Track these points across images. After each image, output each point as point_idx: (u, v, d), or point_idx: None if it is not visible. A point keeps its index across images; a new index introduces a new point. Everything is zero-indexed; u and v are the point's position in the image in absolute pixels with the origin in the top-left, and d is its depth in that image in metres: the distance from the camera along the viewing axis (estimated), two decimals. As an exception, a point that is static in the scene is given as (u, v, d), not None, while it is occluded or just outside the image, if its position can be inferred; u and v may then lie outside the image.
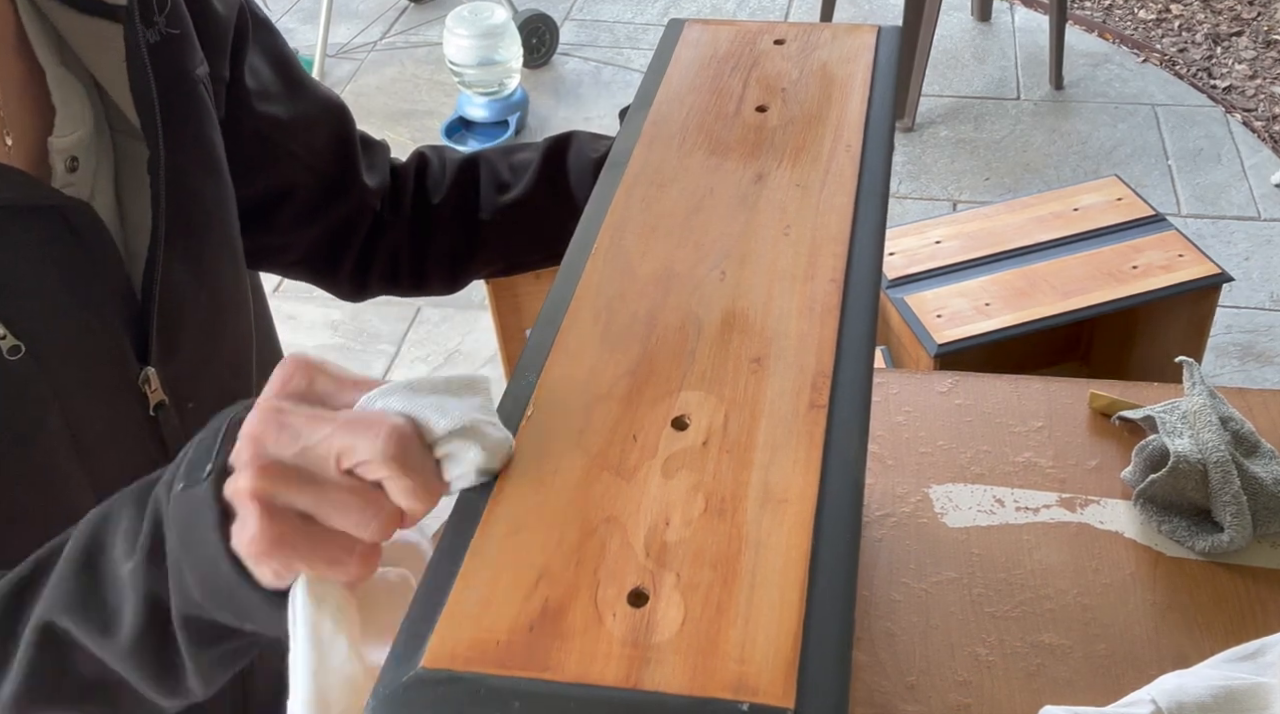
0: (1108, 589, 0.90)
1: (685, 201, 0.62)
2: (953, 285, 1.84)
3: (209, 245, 0.74)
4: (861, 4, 3.54)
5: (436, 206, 0.92)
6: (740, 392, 0.50)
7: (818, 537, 0.43)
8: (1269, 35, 3.36)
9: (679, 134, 0.68)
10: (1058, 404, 1.06)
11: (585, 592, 0.42)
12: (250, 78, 0.80)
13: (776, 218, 0.60)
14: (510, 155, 0.93)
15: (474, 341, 2.47)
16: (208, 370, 0.75)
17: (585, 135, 0.90)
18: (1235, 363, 2.35)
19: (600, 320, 0.54)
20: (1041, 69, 3.18)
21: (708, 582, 0.42)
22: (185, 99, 0.72)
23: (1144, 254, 1.87)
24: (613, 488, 0.46)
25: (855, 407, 0.49)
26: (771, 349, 0.52)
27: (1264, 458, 0.96)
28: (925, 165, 2.88)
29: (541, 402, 0.50)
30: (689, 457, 0.47)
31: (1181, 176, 2.83)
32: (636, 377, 0.51)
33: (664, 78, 0.73)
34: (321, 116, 0.87)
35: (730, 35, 0.77)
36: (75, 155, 0.67)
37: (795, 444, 0.47)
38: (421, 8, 3.61)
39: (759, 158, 0.65)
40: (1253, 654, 0.80)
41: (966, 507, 0.97)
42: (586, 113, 3.13)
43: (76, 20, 0.66)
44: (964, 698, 0.84)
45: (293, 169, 0.85)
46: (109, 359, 0.68)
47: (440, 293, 0.98)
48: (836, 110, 0.69)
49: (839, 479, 0.46)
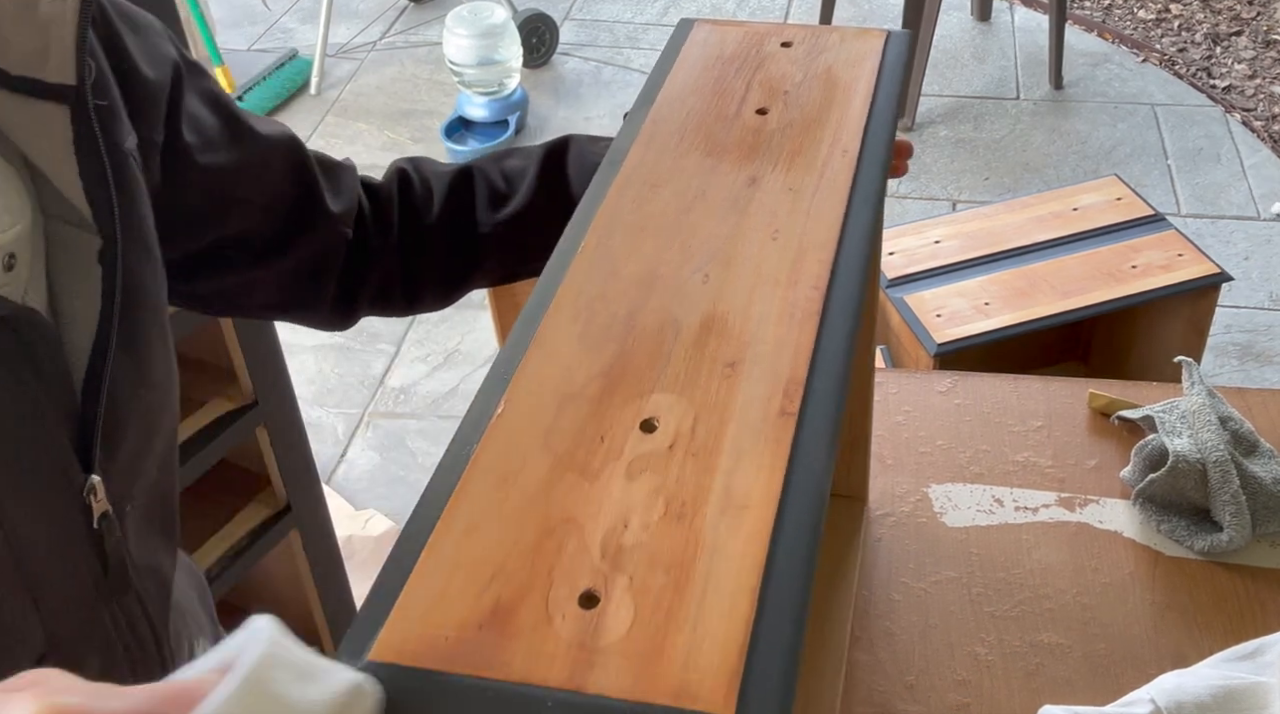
0: (1107, 589, 0.90)
1: (676, 203, 0.62)
2: (952, 285, 1.84)
3: (149, 333, 0.69)
4: (861, 3, 3.54)
5: (430, 226, 0.88)
6: (711, 396, 0.50)
7: (775, 545, 0.43)
8: (1268, 35, 3.36)
9: (677, 134, 0.67)
10: (1057, 404, 1.06)
11: (537, 592, 0.42)
12: (189, 132, 0.75)
13: (766, 222, 0.60)
14: (502, 162, 0.90)
15: (474, 341, 2.47)
16: (143, 469, 0.71)
17: (583, 139, 0.88)
18: (1234, 362, 2.35)
19: (580, 320, 0.54)
20: (1041, 69, 3.18)
21: (660, 586, 0.42)
22: (120, 177, 0.66)
23: (1143, 254, 1.87)
24: (575, 489, 0.46)
25: (826, 415, 0.49)
26: (747, 354, 0.52)
27: (1263, 457, 0.96)
28: (925, 165, 2.89)
29: (512, 399, 0.50)
30: (654, 460, 0.47)
31: (1181, 176, 2.83)
32: (610, 377, 0.51)
33: (668, 77, 0.73)
34: (271, 154, 0.82)
35: (738, 36, 0.76)
36: (13, 252, 0.61)
37: (761, 450, 0.47)
38: (421, 7, 3.61)
39: (754, 160, 0.65)
40: (1252, 654, 0.80)
41: (966, 506, 0.97)
42: (586, 112, 3.13)
43: (14, 103, 0.60)
44: (963, 697, 0.84)
45: (245, 213, 0.80)
46: (52, 473, 0.63)
47: (434, 309, 0.95)
48: (837, 114, 0.68)
49: (803, 488, 0.46)
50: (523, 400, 0.50)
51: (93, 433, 0.64)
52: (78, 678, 0.38)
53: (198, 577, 0.91)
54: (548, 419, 0.49)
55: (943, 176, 2.85)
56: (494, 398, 0.50)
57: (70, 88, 0.61)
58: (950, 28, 3.39)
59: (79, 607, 0.66)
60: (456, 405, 2.35)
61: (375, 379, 2.42)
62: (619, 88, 3.22)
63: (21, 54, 0.60)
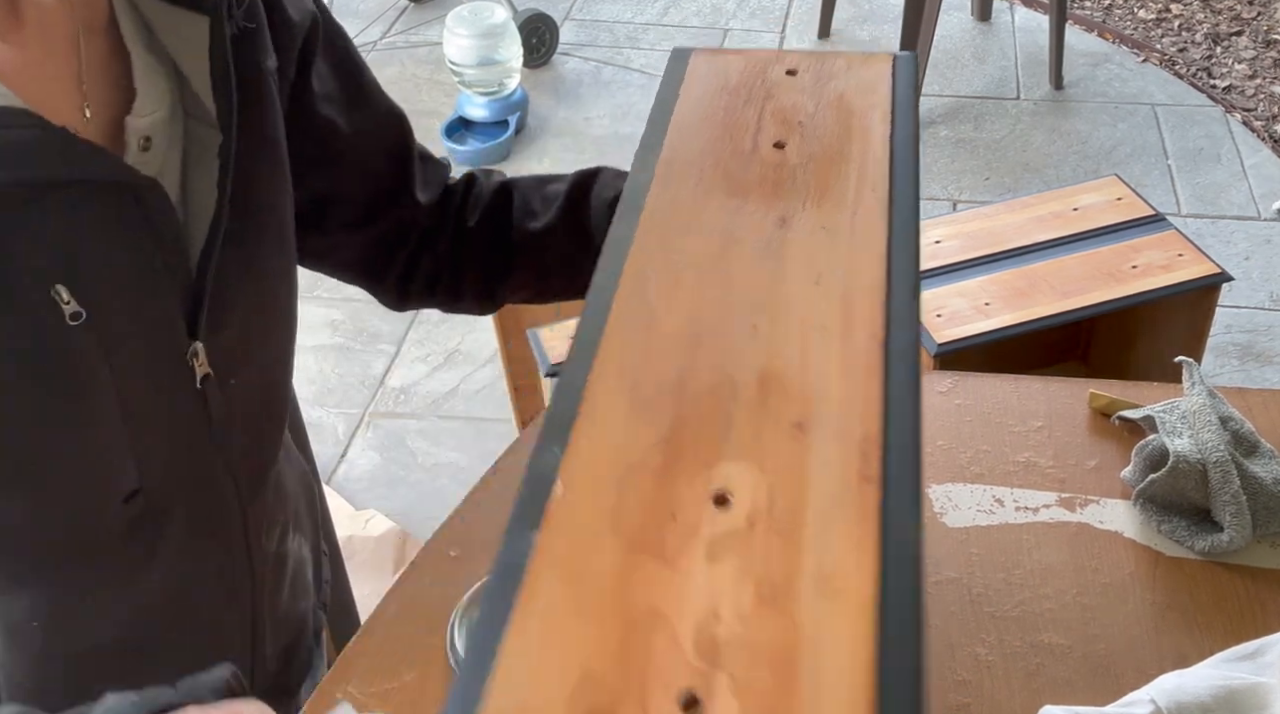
0: (1107, 589, 0.90)
1: (707, 248, 0.59)
2: (952, 285, 1.84)
3: (264, 234, 0.78)
4: (861, 4, 3.54)
5: (472, 228, 0.95)
6: (783, 462, 0.47)
7: (882, 631, 0.40)
8: (1269, 35, 3.36)
9: (695, 173, 0.65)
10: (1057, 404, 1.06)
11: (633, 697, 0.39)
12: (316, 81, 0.83)
13: (805, 266, 0.57)
14: (544, 186, 0.95)
15: (473, 341, 2.47)
16: (250, 352, 0.79)
17: (611, 173, 0.92)
18: (1235, 362, 2.35)
19: (627, 383, 0.51)
20: (1041, 69, 3.18)
21: (765, 684, 0.39)
22: (256, 91, 0.75)
23: (1143, 254, 1.87)
24: (654, 575, 0.42)
25: (908, 477, 0.46)
26: (813, 412, 0.49)
27: (1263, 458, 0.96)
28: (925, 165, 2.89)
29: (570, 478, 0.46)
30: (734, 538, 0.43)
31: (1181, 176, 2.83)
32: (670, 446, 0.48)
33: (674, 112, 0.70)
34: (381, 132, 0.89)
35: (740, 66, 0.74)
36: (149, 135, 0.70)
37: (847, 522, 0.44)
38: (421, 7, 3.61)
39: (781, 199, 0.62)
40: (1252, 654, 0.80)
41: (966, 506, 0.97)
42: (586, 113, 3.13)
43: (166, 11, 0.70)
44: (963, 697, 0.84)
45: (344, 175, 0.88)
46: (162, 331, 0.71)
47: (476, 312, 1.01)
48: (858, 147, 0.66)
49: (898, 561, 0.42)
50: (581, 478, 0.47)
51: (200, 304, 0.72)
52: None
53: (308, 481, 1.01)
54: (611, 497, 0.45)
55: (943, 177, 2.86)
56: (550, 477, 0.46)
57: (211, 1, 0.69)
58: (950, 28, 3.39)
59: (173, 456, 0.75)
60: (456, 405, 2.35)
61: (375, 379, 2.42)
62: (619, 88, 3.22)
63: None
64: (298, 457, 0.98)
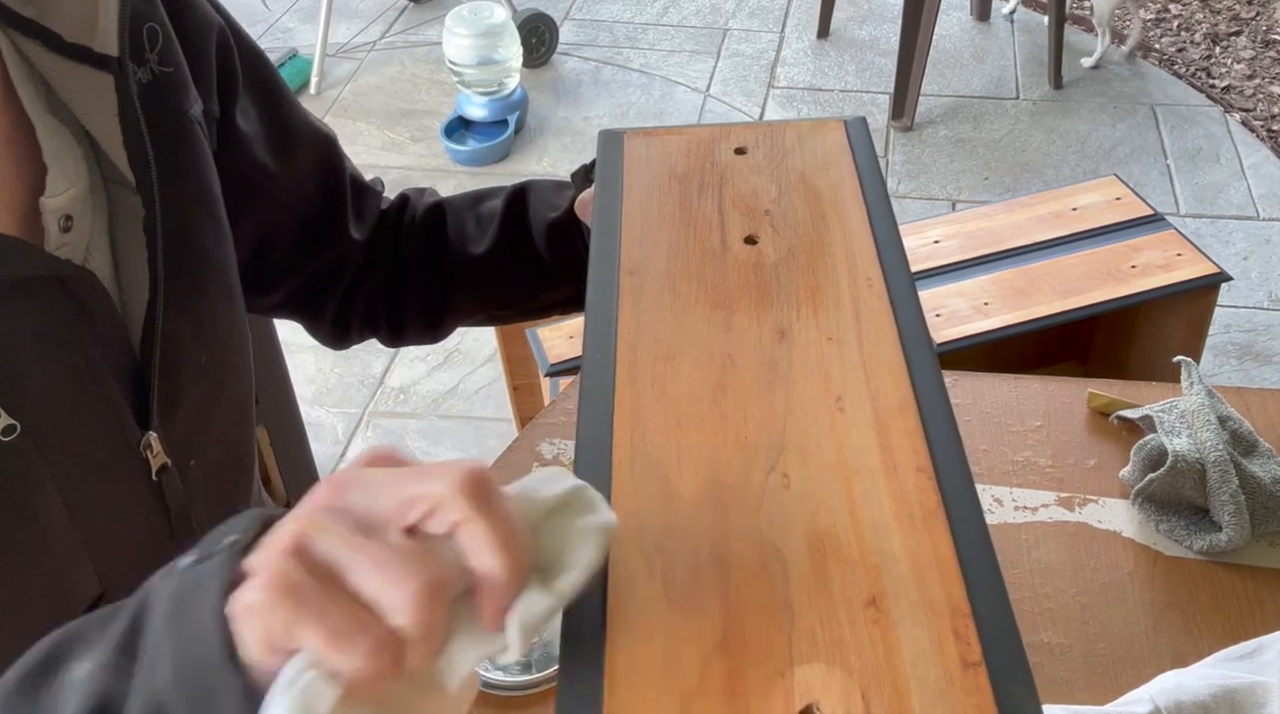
0: (1106, 588, 0.90)
1: (703, 377, 0.50)
2: (951, 285, 1.85)
3: (209, 294, 0.71)
4: (860, 4, 3.54)
5: (408, 258, 0.89)
6: (868, 656, 0.39)
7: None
8: (1268, 35, 3.36)
9: (665, 284, 0.55)
10: (1056, 403, 1.06)
11: None
12: (242, 119, 0.77)
13: (821, 387, 0.49)
14: (479, 204, 0.89)
15: (473, 341, 2.47)
16: (209, 427, 0.72)
17: (543, 187, 0.87)
18: (1233, 362, 2.35)
19: (655, 571, 0.42)
20: (1040, 68, 3.19)
21: None
22: (182, 142, 0.68)
23: (1142, 253, 1.87)
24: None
25: (1013, 654, 0.39)
26: (884, 583, 0.41)
27: (1262, 457, 0.96)
28: (924, 165, 2.89)
29: (616, 711, 0.38)
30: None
31: (1180, 176, 2.83)
32: (729, 651, 0.39)
33: (623, 210, 0.61)
34: (312, 166, 0.84)
35: (681, 147, 0.65)
36: (69, 214, 0.62)
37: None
38: (421, 7, 3.61)
39: (771, 306, 0.54)
40: (1251, 653, 0.80)
41: (965, 506, 0.97)
42: (586, 112, 3.13)
43: (65, 68, 0.61)
44: (963, 697, 0.84)
45: (276, 217, 0.82)
46: (108, 429, 0.64)
47: (423, 342, 0.95)
48: (838, 233, 0.59)
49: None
50: (629, 709, 0.38)
51: (149, 391, 0.65)
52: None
53: None
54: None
55: (942, 176, 2.86)
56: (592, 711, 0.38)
57: (113, 58, 0.62)
58: (950, 27, 3.39)
59: (137, 556, 0.67)
60: (456, 405, 2.35)
61: (375, 379, 2.42)
62: (618, 87, 3.22)
63: (75, 21, 0.61)
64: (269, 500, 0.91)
